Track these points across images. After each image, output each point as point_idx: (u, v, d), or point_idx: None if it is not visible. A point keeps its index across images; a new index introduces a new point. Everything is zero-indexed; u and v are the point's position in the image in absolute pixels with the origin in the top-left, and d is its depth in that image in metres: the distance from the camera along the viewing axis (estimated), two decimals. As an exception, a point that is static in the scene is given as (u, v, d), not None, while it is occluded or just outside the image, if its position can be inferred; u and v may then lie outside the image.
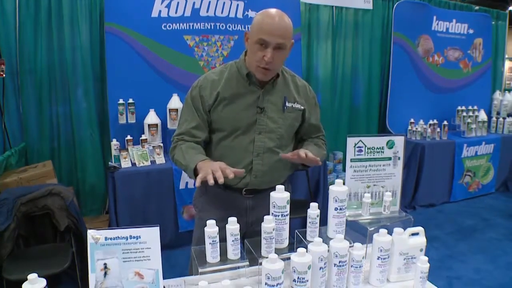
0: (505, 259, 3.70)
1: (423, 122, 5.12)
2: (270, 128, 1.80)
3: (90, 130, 3.96)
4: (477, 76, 5.79)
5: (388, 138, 1.80)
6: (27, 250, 2.79)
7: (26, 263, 2.54)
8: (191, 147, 1.80)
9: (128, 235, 1.36)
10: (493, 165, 5.44)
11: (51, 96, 3.81)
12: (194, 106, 1.83)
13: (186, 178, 3.65)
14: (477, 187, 5.40)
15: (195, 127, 1.82)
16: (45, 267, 2.48)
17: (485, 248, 3.92)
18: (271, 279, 1.34)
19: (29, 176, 3.28)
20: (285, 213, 1.50)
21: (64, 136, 3.92)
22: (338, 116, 5.08)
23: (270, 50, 1.65)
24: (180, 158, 1.78)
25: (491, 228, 4.42)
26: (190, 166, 1.70)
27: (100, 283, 1.34)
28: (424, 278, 1.55)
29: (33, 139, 3.82)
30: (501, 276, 3.39)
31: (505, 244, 4.00)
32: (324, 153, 1.96)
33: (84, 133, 3.94)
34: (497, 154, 5.40)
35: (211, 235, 1.42)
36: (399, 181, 1.83)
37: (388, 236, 1.58)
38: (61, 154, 3.94)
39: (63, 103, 3.86)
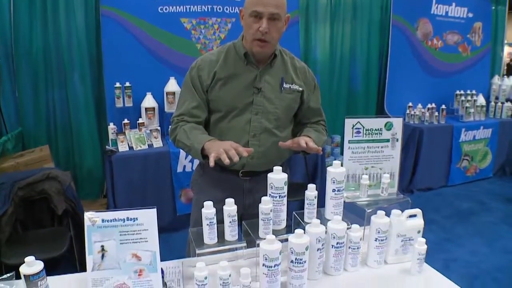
0: (502, 242, 3.71)
1: (421, 106, 5.10)
2: (267, 109, 1.79)
3: (87, 114, 3.94)
4: (476, 60, 5.75)
5: (386, 119, 1.80)
6: (25, 235, 2.79)
7: (24, 247, 2.54)
8: (194, 128, 1.79)
9: (125, 217, 1.36)
10: (491, 150, 5.44)
11: (47, 80, 3.78)
12: (194, 86, 1.82)
13: (184, 162, 3.64)
14: (475, 172, 5.41)
15: (196, 107, 1.81)
16: (43, 251, 2.48)
17: (482, 231, 3.94)
18: (268, 260, 1.34)
19: (26, 160, 3.27)
20: (282, 194, 1.50)
21: (61, 120, 3.90)
22: (336, 100, 5.06)
23: (264, 20, 1.65)
24: (183, 139, 1.76)
25: (488, 211, 4.44)
26: (196, 146, 1.69)
27: (97, 265, 1.35)
28: (421, 259, 1.57)
29: (30, 124, 3.80)
30: (497, 259, 3.41)
31: (502, 228, 4.02)
32: (324, 139, 1.94)
33: (81, 117, 3.92)
34: (495, 138, 5.40)
35: (208, 216, 1.42)
36: (397, 163, 1.83)
37: (386, 218, 1.59)
38: (58, 138, 3.93)
39: (59, 87, 3.83)
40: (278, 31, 1.71)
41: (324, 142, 1.92)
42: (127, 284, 1.37)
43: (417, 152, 4.94)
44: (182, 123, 1.81)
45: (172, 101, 3.78)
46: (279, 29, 1.71)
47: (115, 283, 1.36)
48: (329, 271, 1.57)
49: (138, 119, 3.78)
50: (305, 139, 1.69)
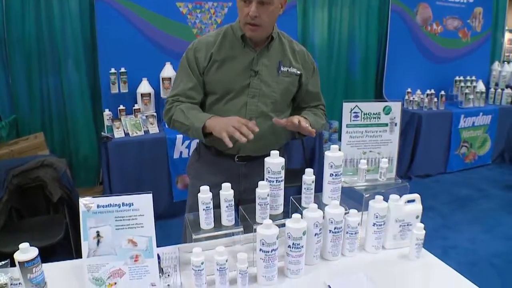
0: (500, 229, 3.74)
1: (420, 92, 5.09)
2: (263, 92, 1.78)
3: (82, 101, 3.91)
4: (476, 46, 5.72)
5: (384, 104, 1.79)
6: (21, 223, 2.79)
7: (19, 235, 2.54)
8: (191, 108, 1.77)
9: (121, 202, 1.35)
10: (490, 136, 5.44)
11: (40, 66, 3.74)
12: (190, 67, 1.81)
13: (180, 148, 3.63)
14: (474, 158, 5.42)
15: (191, 88, 1.80)
16: (39, 239, 2.48)
17: (481, 218, 3.96)
18: (265, 245, 1.34)
19: (20, 148, 3.26)
20: (279, 179, 1.49)
21: (56, 107, 3.87)
22: (334, 85, 5.04)
23: (253, 4, 1.63)
24: (180, 118, 1.75)
25: (486, 198, 4.46)
26: (196, 125, 1.68)
27: (93, 251, 1.34)
28: (419, 245, 1.57)
29: (24, 111, 3.77)
30: (496, 246, 3.43)
31: (501, 215, 4.04)
32: (322, 123, 1.93)
33: (76, 103, 3.89)
34: (494, 125, 5.40)
35: (204, 201, 1.41)
36: (395, 148, 1.82)
37: (384, 203, 1.59)
38: (53, 125, 3.91)
39: (53, 73, 3.80)
40: (270, 15, 1.69)
41: (322, 126, 1.91)
42: (123, 270, 1.37)
43: (416, 138, 4.94)
44: (177, 103, 1.80)
45: (168, 86, 3.75)
46: (271, 13, 1.68)
47: (111, 269, 1.36)
48: (326, 256, 1.57)
49: (134, 105, 3.77)
50: (298, 118, 1.68)
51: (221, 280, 1.38)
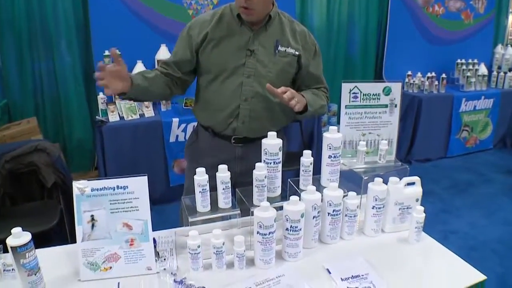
0: (501, 214, 3.75)
1: (420, 75, 5.06)
2: (259, 72, 1.77)
3: (75, 84, 3.88)
4: (479, 28, 5.67)
5: (384, 84, 1.78)
6: (14, 209, 2.79)
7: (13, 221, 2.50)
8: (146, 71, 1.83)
9: (115, 185, 1.36)
10: (491, 121, 5.43)
11: (31, 49, 3.70)
12: (179, 43, 1.85)
13: (176, 131, 3.63)
14: (475, 143, 5.42)
15: (169, 64, 1.86)
16: (33, 225, 2.47)
17: (481, 203, 3.98)
18: (263, 228, 1.34)
19: (13, 133, 3.24)
20: (277, 161, 1.49)
21: (48, 91, 3.84)
22: (333, 67, 5.02)
23: None
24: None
25: (487, 183, 4.47)
26: None
27: (87, 236, 1.35)
28: (419, 228, 1.57)
29: (16, 95, 3.74)
30: (496, 231, 3.45)
31: (501, 200, 4.06)
32: (322, 103, 1.91)
33: (69, 87, 3.86)
34: (496, 109, 5.38)
35: (200, 183, 1.41)
36: (395, 130, 1.82)
37: (384, 185, 1.59)
38: (45, 110, 3.88)
39: (45, 56, 3.76)
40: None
41: (321, 106, 1.90)
42: (118, 254, 1.37)
43: (416, 122, 4.93)
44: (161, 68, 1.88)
45: (163, 69, 3.73)
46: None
47: (106, 253, 1.36)
48: (325, 240, 1.58)
49: (128, 88, 3.73)
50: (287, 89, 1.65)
51: (218, 263, 1.39)
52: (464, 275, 1.42)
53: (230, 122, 1.83)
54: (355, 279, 1.36)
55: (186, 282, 1.31)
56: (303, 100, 1.75)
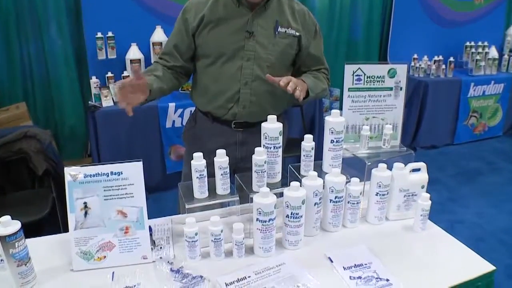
0: (510, 204, 3.76)
1: (427, 58, 5.05)
2: (259, 55, 1.77)
3: (67, 68, 3.86)
4: (490, 9, 5.62)
5: (389, 66, 1.77)
6: (4, 198, 2.79)
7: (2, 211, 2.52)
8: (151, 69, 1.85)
9: (109, 171, 1.36)
10: (501, 106, 5.43)
11: (19, 31, 3.66)
12: (175, 29, 1.85)
13: (173, 116, 3.63)
14: (483, 129, 5.42)
15: (167, 53, 1.87)
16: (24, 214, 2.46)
17: (489, 192, 3.99)
18: (262, 215, 1.35)
19: (1, 119, 3.23)
20: (277, 145, 1.49)
21: (38, 75, 3.82)
22: (335, 50, 5.00)
23: None
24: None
25: (496, 172, 4.48)
26: None
27: (80, 224, 1.35)
28: (425, 216, 1.58)
29: (3, 80, 3.71)
30: (504, 221, 3.46)
31: (510, 189, 4.07)
32: (323, 87, 1.91)
33: (60, 71, 3.84)
34: (506, 94, 5.37)
35: (198, 169, 1.41)
36: (400, 114, 1.82)
37: (388, 171, 1.59)
38: (35, 95, 3.86)
39: (34, 39, 3.73)
40: None
41: (323, 91, 1.90)
42: (113, 243, 1.38)
43: (422, 107, 4.93)
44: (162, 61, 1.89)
45: (158, 52, 3.69)
46: None
47: (100, 241, 1.37)
48: (327, 227, 1.59)
49: (123, 72, 3.73)
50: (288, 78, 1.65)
51: (216, 251, 1.40)
52: (472, 265, 1.42)
53: (230, 107, 1.83)
54: (358, 268, 1.37)
55: (183, 271, 1.32)
56: (304, 86, 1.75)
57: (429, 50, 5.18)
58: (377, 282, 1.30)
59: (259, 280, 1.30)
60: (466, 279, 1.35)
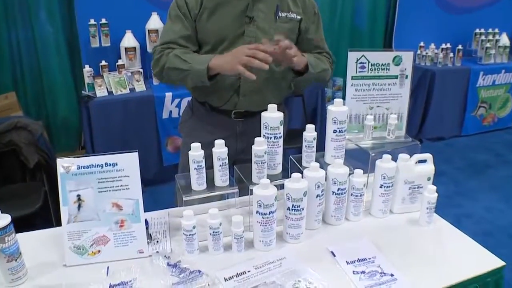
0: (520, 198, 3.76)
1: (434, 46, 5.04)
2: (260, 40, 1.75)
3: (58, 56, 3.86)
4: (501, -6, 5.63)
5: (395, 53, 1.77)
6: (-6, 192, 2.80)
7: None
8: (186, 52, 1.75)
9: (104, 163, 1.36)
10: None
11: (7, 18, 3.66)
12: (182, 12, 1.77)
13: (170, 107, 3.63)
14: (492, 120, 5.42)
15: (184, 36, 1.78)
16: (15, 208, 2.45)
17: (498, 185, 3.99)
18: (263, 207, 1.35)
19: (-11, 109, 3.24)
20: (278, 135, 1.49)
21: (28, 64, 3.82)
22: (338, 38, 4.99)
23: None
24: (176, 63, 1.71)
25: (505, 164, 4.49)
26: (197, 67, 1.66)
27: (73, 217, 1.35)
28: (431, 209, 1.58)
29: (-9, 68, 3.73)
30: (514, 216, 3.46)
31: (521, 182, 4.07)
32: (324, 67, 1.90)
33: (52, 59, 3.85)
34: (517, 84, 5.36)
35: (196, 160, 1.41)
36: (406, 103, 1.82)
37: (392, 163, 1.59)
38: (26, 84, 3.87)
39: (23, 26, 3.72)
40: None
41: (324, 70, 1.89)
42: (108, 237, 1.38)
43: (428, 97, 4.93)
44: (169, 50, 1.77)
45: (155, 39, 3.71)
46: None
47: (94, 235, 1.37)
48: (329, 221, 1.59)
49: (118, 60, 3.74)
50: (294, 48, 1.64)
51: (214, 245, 1.40)
52: (481, 260, 1.42)
53: (230, 96, 1.83)
54: (361, 262, 1.37)
55: (181, 265, 1.32)
56: (304, 60, 1.74)
57: (436, 37, 5.16)
58: (381, 277, 1.30)
59: (259, 274, 1.30)
60: (475, 274, 1.35)
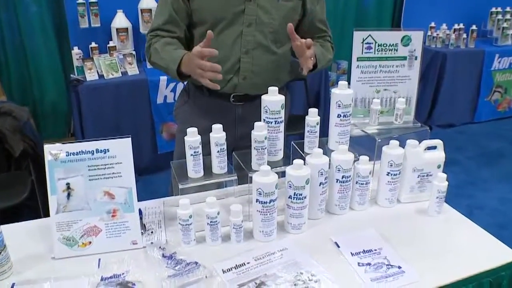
0: (536, 189, 3.76)
1: (446, 27, 5.01)
2: (261, 20, 1.76)
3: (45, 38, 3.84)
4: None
5: (403, 33, 1.77)
6: (-23, 182, 2.80)
7: None
8: (167, 43, 1.78)
9: (94, 149, 1.36)
10: (530, 81, 5.39)
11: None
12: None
13: (165, 91, 3.64)
14: (508, 106, 5.41)
15: (169, 21, 1.81)
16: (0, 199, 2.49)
17: (513, 175, 3.99)
18: (263, 195, 1.36)
19: (-30, 95, 3.23)
20: (279, 120, 1.49)
21: (11, 46, 3.81)
22: (342, 19, 4.93)
23: None
24: (157, 59, 1.78)
25: (521, 153, 4.49)
26: (171, 67, 1.70)
27: (62, 207, 1.35)
28: (441, 198, 1.58)
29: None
30: (530, 208, 3.46)
31: (537, 172, 4.07)
32: (329, 57, 1.92)
33: (37, 41, 3.83)
34: (536, 67, 5.33)
35: (192, 145, 1.42)
36: (414, 86, 1.82)
37: (400, 149, 1.60)
38: (9, 67, 3.86)
39: (5, 7, 3.69)
40: None
41: (329, 61, 1.91)
42: (99, 227, 1.39)
43: (438, 81, 4.91)
44: (155, 39, 1.81)
45: (148, 19, 3.69)
46: None
47: (85, 226, 1.38)
48: (333, 210, 1.60)
49: (109, 42, 3.72)
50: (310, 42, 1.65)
51: (212, 236, 1.41)
52: (494, 253, 1.42)
53: (229, 78, 1.82)
54: (367, 254, 1.38)
55: (177, 257, 1.33)
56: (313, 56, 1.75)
57: (448, 17, 5.12)
58: (388, 270, 1.31)
59: (259, 266, 1.31)
60: (488, 268, 1.35)
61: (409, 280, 1.27)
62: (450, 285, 1.28)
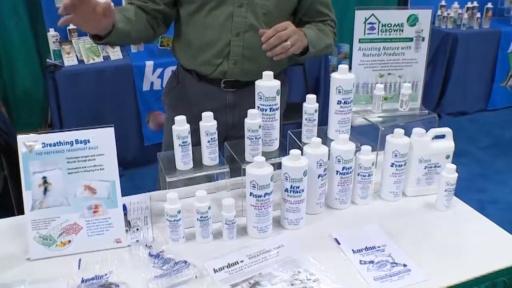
0: (554, 181, 3.78)
1: (458, 5, 5.00)
2: (253, 0, 1.76)
3: (16, 17, 3.81)
4: None
5: (409, 12, 1.77)
6: None
7: None
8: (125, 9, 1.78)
9: (74, 139, 1.36)
10: (550, 64, 5.39)
11: None
12: None
13: (151, 77, 3.63)
14: (525, 93, 5.41)
15: None
16: (-31, 198, 2.50)
17: (530, 167, 4.01)
18: (257, 188, 1.37)
19: None
20: (274, 107, 1.50)
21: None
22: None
23: None
24: None
25: (538, 143, 4.50)
26: None
27: (39, 203, 1.35)
28: (450, 191, 1.59)
29: None
30: (548, 202, 3.48)
31: (554, 164, 4.09)
32: (327, 42, 1.91)
33: (7, 22, 3.80)
34: (557, 49, 5.32)
35: (181, 135, 1.42)
36: (422, 70, 1.82)
37: (405, 138, 1.60)
38: (-24, 52, 3.85)
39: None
40: None
41: (327, 46, 1.91)
42: (79, 224, 1.39)
43: (449, 65, 4.90)
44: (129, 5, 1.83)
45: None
46: None
47: (63, 223, 1.37)
48: (333, 204, 1.61)
49: (88, 23, 3.69)
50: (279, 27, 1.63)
51: (202, 232, 1.42)
52: (509, 250, 1.43)
53: (219, 62, 1.83)
54: (369, 251, 1.39)
55: (164, 256, 1.34)
56: (304, 40, 1.75)
57: (460, -6, 5.12)
58: (392, 268, 1.32)
59: (253, 265, 1.32)
60: (501, 266, 1.35)
61: (416, 279, 1.28)
62: (460, 285, 1.29)
